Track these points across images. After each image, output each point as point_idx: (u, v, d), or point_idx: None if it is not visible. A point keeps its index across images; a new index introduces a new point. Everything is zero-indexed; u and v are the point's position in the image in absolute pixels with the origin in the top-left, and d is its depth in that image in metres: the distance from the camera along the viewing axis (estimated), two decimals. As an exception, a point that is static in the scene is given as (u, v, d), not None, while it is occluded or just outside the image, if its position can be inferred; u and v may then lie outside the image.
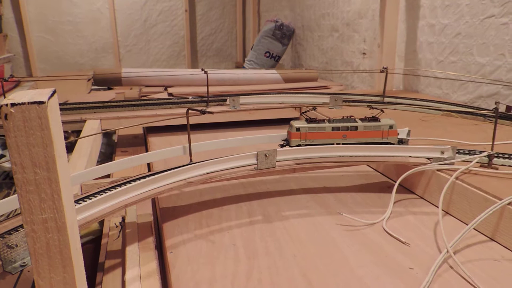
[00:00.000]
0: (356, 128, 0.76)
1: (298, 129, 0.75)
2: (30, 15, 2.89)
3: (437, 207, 0.73)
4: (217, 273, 0.54)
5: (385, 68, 1.35)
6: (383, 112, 0.81)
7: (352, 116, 0.79)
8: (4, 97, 1.21)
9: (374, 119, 0.78)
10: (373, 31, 1.85)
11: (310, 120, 0.77)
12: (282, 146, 0.77)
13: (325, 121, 0.77)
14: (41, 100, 0.34)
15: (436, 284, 0.52)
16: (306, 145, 0.75)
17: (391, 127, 0.77)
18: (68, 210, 0.38)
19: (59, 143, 0.37)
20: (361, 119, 0.78)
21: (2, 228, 0.55)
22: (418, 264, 0.56)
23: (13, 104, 0.34)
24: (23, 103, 0.34)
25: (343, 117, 0.78)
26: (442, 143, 0.86)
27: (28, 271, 0.44)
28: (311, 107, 0.84)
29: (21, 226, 0.52)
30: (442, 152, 0.76)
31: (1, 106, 0.34)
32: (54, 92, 0.38)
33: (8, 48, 2.87)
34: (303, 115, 0.81)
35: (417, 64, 1.57)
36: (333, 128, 0.76)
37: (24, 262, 0.46)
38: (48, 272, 0.38)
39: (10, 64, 2.80)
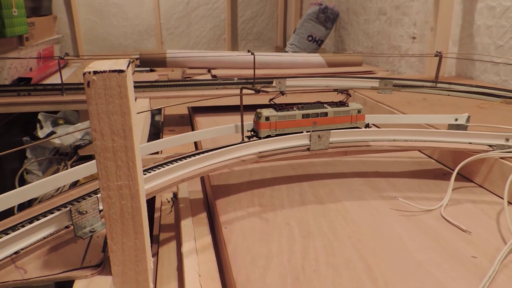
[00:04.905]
0: (326, 114, 0.72)
1: (267, 118, 0.70)
2: (78, -3, 2.98)
3: (499, 196, 0.70)
4: (273, 250, 0.54)
5: (439, 53, 1.29)
6: (350, 96, 0.77)
7: (320, 101, 0.75)
8: (61, 75, 1.26)
9: (342, 103, 0.74)
10: (425, 14, 1.77)
11: (278, 108, 0.72)
12: (249, 137, 0.72)
13: (294, 108, 0.72)
14: (121, 68, 0.35)
15: (503, 274, 0.49)
16: (276, 135, 0.71)
17: (359, 111, 0.73)
18: (140, 178, 0.39)
19: (134, 112, 0.38)
20: (329, 104, 0.74)
21: (69, 196, 0.57)
22: (481, 253, 0.54)
23: (95, 72, 0.35)
24: (104, 71, 0.35)
25: (311, 103, 0.74)
26: (504, 130, 0.81)
27: (98, 237, 0.46)
28: (280, 93, 0.76)
29: (89, 194, 0.54)
30: (507, 139, 0.72)
31: (84, 73, 0.35)
32: (130, 62, 0.38)
33: (57, 30, 2.98)
34: (271, 101, 0.74)
35: (473, 49, 1.49)
36: (303, 116, 0.71)
37: (93, 228, 0.48)
38: (121, 237, 0.40)
39: (59, 45, 2.91)
